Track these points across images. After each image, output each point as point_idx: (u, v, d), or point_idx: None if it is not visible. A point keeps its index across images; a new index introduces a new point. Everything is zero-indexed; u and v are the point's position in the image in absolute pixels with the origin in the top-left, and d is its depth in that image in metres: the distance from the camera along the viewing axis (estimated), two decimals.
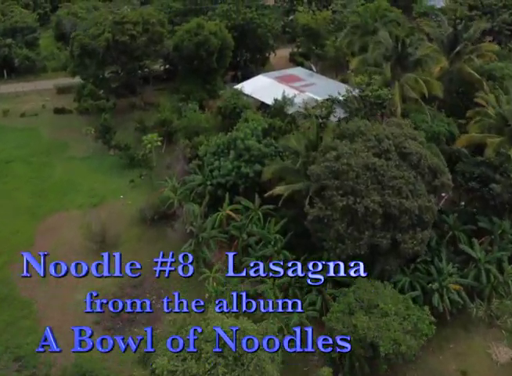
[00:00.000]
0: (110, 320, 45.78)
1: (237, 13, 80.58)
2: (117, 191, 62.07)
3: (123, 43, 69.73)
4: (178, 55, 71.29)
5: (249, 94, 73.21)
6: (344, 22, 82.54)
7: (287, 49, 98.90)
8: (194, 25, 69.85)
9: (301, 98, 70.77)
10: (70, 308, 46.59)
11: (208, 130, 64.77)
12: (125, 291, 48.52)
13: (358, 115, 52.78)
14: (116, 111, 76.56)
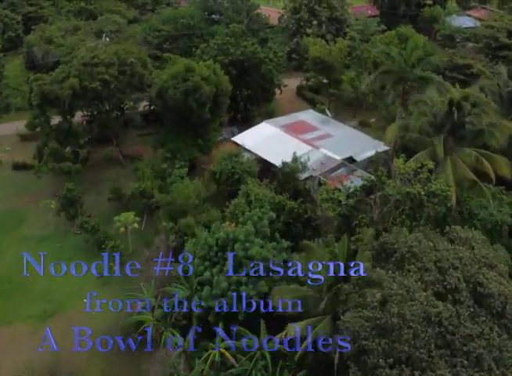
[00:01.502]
0: None
1: (236, 47, 64.60)
2: (81, 291, 46.41)
3: (93, 90, 53.85)
4: (162, 103, 55.40)
5: (250, 149, 57.62)
6: (365, 58, 66.71)
7: (294, 80, 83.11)
8: (182, 68, 53.96)
9: (316, 156, 55.29)
10: None
11: (199, 206, 49.24)
12: None
13: (401, 215, 37.04)
14: (89, 166, 61.00)
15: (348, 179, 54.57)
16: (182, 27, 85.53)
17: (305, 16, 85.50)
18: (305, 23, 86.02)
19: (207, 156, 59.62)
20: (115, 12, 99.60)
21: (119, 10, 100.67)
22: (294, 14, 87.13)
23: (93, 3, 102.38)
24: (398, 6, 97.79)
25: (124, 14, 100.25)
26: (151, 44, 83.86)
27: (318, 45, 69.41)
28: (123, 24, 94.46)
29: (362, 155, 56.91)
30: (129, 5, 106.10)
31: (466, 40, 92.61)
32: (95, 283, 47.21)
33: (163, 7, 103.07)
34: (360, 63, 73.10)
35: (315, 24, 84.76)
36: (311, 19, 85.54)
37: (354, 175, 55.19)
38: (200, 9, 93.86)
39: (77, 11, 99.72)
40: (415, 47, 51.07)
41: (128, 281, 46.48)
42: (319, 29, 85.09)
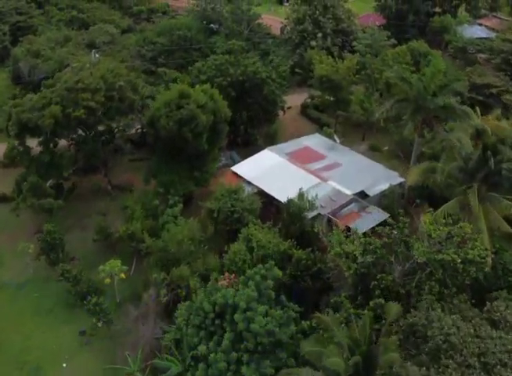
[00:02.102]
0: None
1: (236, 66, 58.53)
2: (60, 352, 40.60)
3: (77, 119, 47.88)
4: (154, 132, 49.40)
5: (251, 181, 51.69)
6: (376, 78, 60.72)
7: (298, 96, 77.08)
8: (175, 94, 47.90)
9: (324, 190, 49.37)
10: None
11: (194, 253, 43.35)
12: None
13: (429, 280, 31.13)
14: (74, 197, 55.14)
15: (360, 217, 48.84)
16: (178, 39, 79.50)
17: (309, 28, 79.39)
18: (309, 34, 79.86)
19: (204, 187, 53.64)
20: (108, 22, 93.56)
21: (112, 19, 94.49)
22: (298, 25, 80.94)
23: (85, 12, 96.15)
24: (407, 16, 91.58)
25: (117, 23, 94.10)
26: (145, 57, 77.82)
27: (324, 63, 63.13)
28: (116, 35, 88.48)
29: (374, 189, 51.04)
30: (123, 13, 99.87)
31: (479, 51, 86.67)
32: (76, 341, 41.40)
33: (158, 16, 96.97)
34: (370, 82, 67.18)
35: (319, 37, 78.59)
36: (316, 31, 79.43)
37: (366, 212, 49.44)
38: (197, 19, 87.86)
39: (68, 20, 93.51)
40: (436, 72, 44.98)
41: (114, 340, 40.78)
42: (324, 41, 78.98)
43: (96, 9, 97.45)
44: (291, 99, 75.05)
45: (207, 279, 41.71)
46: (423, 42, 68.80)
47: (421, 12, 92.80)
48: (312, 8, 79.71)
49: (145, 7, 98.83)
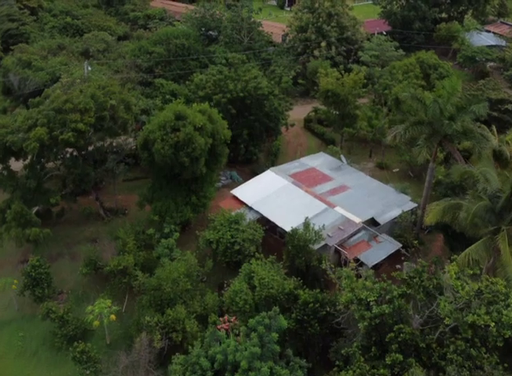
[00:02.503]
0: None
1: (236, 81, 54.62)
2: None
3: (64, 141, 44.01)
4: (148, 157, 45.51)
5: (253, 206, 47.87)
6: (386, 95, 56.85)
7: (300, 107, 73.31)
8: (171, 116, 43.93)
9: (331, 217, 45.62)
10: None
11: (190, 291, 39.52)
12: None
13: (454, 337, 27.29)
14: (64, 222, 51.42)
15: (370, 247, 45.05)
16: (175, 48, 75.56)
17: (313, 37, 75.52)
18: (312, 43, 75.96)
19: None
20: (104, 28, 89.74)
21: (108, 26, 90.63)
22: (300, 33, 77.05)
23: (80, 18, 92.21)
24: (413, 23, 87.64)
25: (113, 30, 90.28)
26: (141, 68, 73.89)
27: (330, 77, 59.21)
28: (111, 42, 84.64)
29: (385, 216, 47.15)
30: (119, 19, 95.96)
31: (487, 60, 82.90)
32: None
33: (156, 22, 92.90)
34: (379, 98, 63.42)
35: (323, 46, 74.67)
36: (319, 40, 75.57)
37: (376, 241, 45.65)
38: (195, 26, 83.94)
39: (62, 27, 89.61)
40: (452, 92, 41.09)
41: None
42: (328, 51, 75.12)
43: (91, 15, 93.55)
44: (294, 112, 71.13)
45: (205, 320, 38.03)
46: (432, 53, 64.72)
47: (428, 18, 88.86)
48: (316, 16, 75.81)
49: (141, 13, 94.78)
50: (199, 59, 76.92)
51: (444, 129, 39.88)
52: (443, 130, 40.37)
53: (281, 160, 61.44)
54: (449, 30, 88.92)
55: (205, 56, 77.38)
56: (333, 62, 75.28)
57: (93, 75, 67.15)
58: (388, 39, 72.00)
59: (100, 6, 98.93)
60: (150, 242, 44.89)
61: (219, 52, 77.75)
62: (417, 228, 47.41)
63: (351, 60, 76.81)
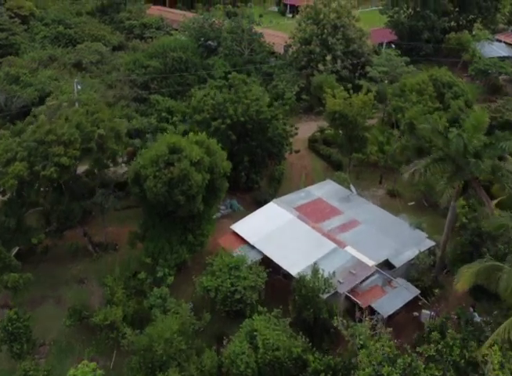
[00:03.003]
0: None
1: (236, 103, 49.85)
2: None
3: (46, 178, 39.27)
4: (139, 192, 40.76)
5: (254, 245, 43.24)
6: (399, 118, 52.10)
7: (304, 125, 68.57)
8: (164, 149, 39.12)
9: (342, 259, 41.02)
10: None
11: (185, 351, 34.84)
12: None
13: None
14: (49, 259, 46.79)
15: (385, 293, 40.39)
16: (172, 62, 70.72)
17: (317, 49, 70.69)
18: (317, 56, 71.12)
19: None
20: (98, 38, 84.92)
21: (103, 35, 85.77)
22: (304, 45, 72.21)
23: (73, 27, 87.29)
24: (421, 33, 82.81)
25: (108, 40, 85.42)
26: (135, 83, 69.10)
27: (337, 97, 54.43)
28: (105, 53, 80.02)
29: (400, 257, 42.46)
30: (115, 28, 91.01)
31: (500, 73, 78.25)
32: None
33: (152, 31, 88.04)
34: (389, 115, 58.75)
35: (328, 59, 69.84)
36: (324, 53, 70.74)
37: (391, 287, 40.99)
38: (194, 36, 79.13)
39: (54, 37, 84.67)
40: (478, 126, 36.36)
41: None
42: (334, 64, 70.31)
43: (85, 24, 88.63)
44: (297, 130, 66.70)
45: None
46: (446, 70, 59.98)
47: (437, 28, 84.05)
48: (320, 27, 70.97)
49: (137, 21, 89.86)
50: (197, 74, 72.17)
51: (470, 169, 35.10)
52: (468, 169, 35.59)
53: (284, 185, 56.81)
54: (459, 41, 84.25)
55: (204, 70, 72.66)
56: (339, 76, 70.58)
57: (84, 93, 62.49)
58: (397, 53, 67.10)
59: (95, 14, 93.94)
60: (142, 288, 40.18)
61: (218, 65, 73.03)
62: (436, 270, 42.75)
63: (357, 74, 72.07)
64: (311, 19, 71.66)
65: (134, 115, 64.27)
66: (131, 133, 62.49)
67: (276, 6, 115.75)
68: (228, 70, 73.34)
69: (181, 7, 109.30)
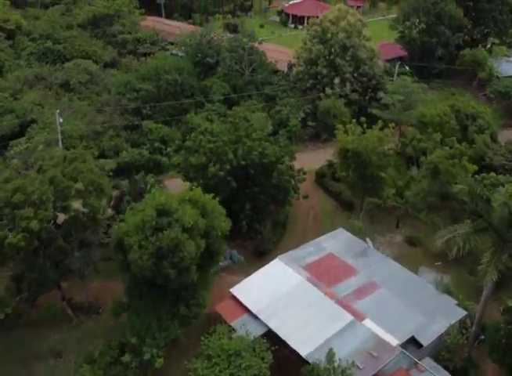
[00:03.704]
0: None
1: (237, 144, 43.18)
2: None
3: (11, 245, 32.70)
4: (123, 260, 34.15)
5: (257, 315, 36.74)
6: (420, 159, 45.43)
7: (310, 154, 62.28)
8: (151, 214, 32.47)
9: (360, 336, 34.54)
10: None
11: None
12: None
13: None
14: (22, 325, 40.22)
15: None
16: (166, 85, 64.11)
17: (324, 71, 64.01)
18: (324, 78, 64.44)
19: None
20: (88, 54, 78.02)
21: (94, 51, 78.76)
22: (310, 66, 65.50)
23: (62, 42, 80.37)
24: (435, 49, 76.13)
25: (99, 56, 78.54)
26: (126, 109, 62.51)
27: (350, 133, 47.89)
28: (96, 72, 73.16)
29: (428, 332, 36.00)
30: (107, 42, 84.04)
31: None
32: None
33: (146, 47, 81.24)
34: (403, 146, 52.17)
35: (336, 82, 63.18)
36: (332, 75, 64.05)
37: (418, 371, 34.55)
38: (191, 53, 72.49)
39: (41, 53, 77.77)
40: None
41: None
42: (342, 88, 63.66)
43: (75, 38, 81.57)
44: (303, 160, 59.97)
45: None
46: (469, 99, 53.58)
47: (451, 45, 77.36)
48: (328, 47, 64.23)
49: (131, 35, 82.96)
50: (194, 97, 65.57)
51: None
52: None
53: (290, 229, 50.49)
54: (475, 58, 77.68)
55: (201, 93, 66.10)
56: (348, 100, 64.07)
57: (69, 122, 55.92)
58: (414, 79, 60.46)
59: (86, 26, 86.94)
60: (126, 373, 33.69)
61: (217, 87, 66.49)
62: (469, 346, 36.27)
63: (367, 97, 65.45)
64: (317, 38, 64.89)
65: (124, 146, 57.89)
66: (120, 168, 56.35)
67: (278, 16, 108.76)
68: (228, 92, 67.17)
69: (178, 17, 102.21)
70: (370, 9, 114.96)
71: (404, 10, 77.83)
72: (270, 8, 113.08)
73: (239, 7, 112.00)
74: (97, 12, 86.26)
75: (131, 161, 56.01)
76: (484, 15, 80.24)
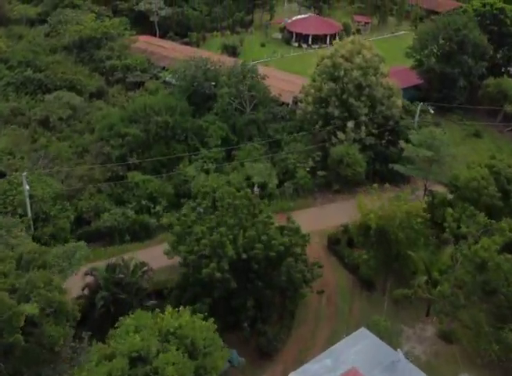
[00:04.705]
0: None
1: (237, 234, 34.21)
2: None
3: None
4: None
5: None
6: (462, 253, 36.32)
7: (320, 210, 53.45)
8: (121, 362, 23.57)
9: None
10: None
11: None
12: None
13: None
14: None
15: None
16: (156, 128, 55.15)
17: (336, 113, 54.97)
18: (336, 120, 55.41)
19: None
20: (73, 83, 69.03)
21: (78, 79, 69.71)
22: (320, 105, 56.46)
23: (44, 69, 71.25)
24: (457, 79, 67.08)
25: (84, 85, 69.50)
26: (110, 157, 53.55)
27: (372, 207, 38.97)
28: (79, 105, 64.39)
29: None
30: (94, 68, 74.90)
31: None
32: None
33: (136, 75, 72.06)
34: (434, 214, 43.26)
35: (350, 126, 54.19)
36: (345, 115, 55.07)
37: None
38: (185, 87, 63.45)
39: (20, 83, 68.60)
40: None
41: None
42: (357, 132, 54.69)
43: (59, 65, 72.48)
44: (311, 217, 51.68)
45: None
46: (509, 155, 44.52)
47: (474, 74, 68.34)
48: (340, 84, 55.16)
49: (120, 62, 73.74)
50: (187, 141, 56.57)
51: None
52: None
53: (300, 315, 41.52)
54: (499, 87, 68.66)
55: (196, 136, 57.17)
56: (363, 145, 55.18)
57: (40, 182, 46.90)
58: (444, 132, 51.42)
59: (71, 49, 77.67)
60: None
61: (214, 129, 57.53)
62: None
63: (384, 141, 56.56)
64: (327, 74, 55.79)
65: (105, 206, 48.95)
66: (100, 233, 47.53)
67: (280, 33, 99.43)
68: (226, 134, 58.24)
69: (173, 36, 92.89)
70: (378, 25, 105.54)
71: (421, 37, 68.66)
72: (271, 24, 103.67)
73: (239, 22, 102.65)
74: (83, 35, 76.92)
75: (113, 225, 47.16)
76: (509, 40, 71.20)
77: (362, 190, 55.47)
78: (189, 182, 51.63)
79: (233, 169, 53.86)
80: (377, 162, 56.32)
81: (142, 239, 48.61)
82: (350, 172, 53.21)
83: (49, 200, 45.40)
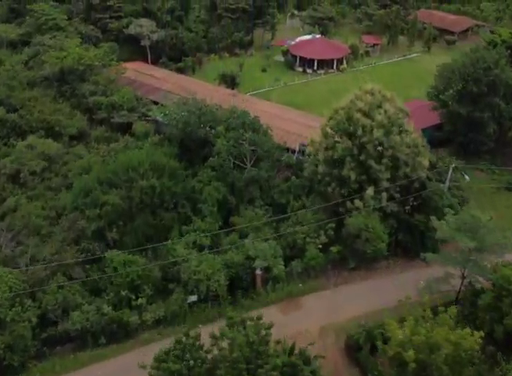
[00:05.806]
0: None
1: None
2: None
3: None
4: None
5: None
6: None
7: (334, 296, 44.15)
8: None
9: None
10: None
11: None
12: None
13: None
14: None
15: None
16: (140, 195, 45.53)
17: (352, 176, 45.37)
18: (352, 184, 45.87)
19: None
20: (51, 124, 59.65)
21: (57, 120, 60.19)
22: (332, 166, 46.94)
23: (19, 108, 61.69)
24: (486, 124, 57.53)
25: (63, 126, 60.01)
26: (84, 232, 43.97)
27: (410, 333, 29.52)
28: (55, 156, 55.00)
29: None
30: (76, 104, 65.23)
31: None
32: None
33: (123, 115, 62.37)
34: None
35: (369, 193, 44.66)
36: (363, 180, 45.56)
37: None
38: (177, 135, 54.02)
39: None
40: None
41: None
42: (377, 198, 45.16)
43: (36, 102, 62.88)
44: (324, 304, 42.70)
45: None
46: None
47: (505, 117, 58.77)
48: (357, 142, 45.63)
49: (105, 98, 63.96)
50: (177, 209, 47.03)
51: None
52: None
53: None
54: None
55: (188, 201, 47.67)
56: (383, 213, 45.70)
57: None
58: None
59: (52, 82, 67.86)
60: None
61: (209, 192, 48.04)
62: None
63: (408, 208, 47.12)
64: (342, 131, 46.22)
65: (77, 300, 39.43)
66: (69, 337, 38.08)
67: (282, 56, 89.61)
68: (223, 195, 48.75)
69: (166, 62, 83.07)
70: (388, 45, 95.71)
71: (444, 76, 58.96)
72: (273, 45, 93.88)
73: (238, 44, 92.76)
74: (65, 65, 67.04)
75: (84, 327, 37.74)
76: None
77: (384, 266, 47.32)
78: (178, 263, 42.31)
79: (231, 243, 44.53)
80: (400, 231, 47.04)
81: (121, 340, 39.27)
82: (370, 249, 43.87)
83: (5, 303, 35.95)
